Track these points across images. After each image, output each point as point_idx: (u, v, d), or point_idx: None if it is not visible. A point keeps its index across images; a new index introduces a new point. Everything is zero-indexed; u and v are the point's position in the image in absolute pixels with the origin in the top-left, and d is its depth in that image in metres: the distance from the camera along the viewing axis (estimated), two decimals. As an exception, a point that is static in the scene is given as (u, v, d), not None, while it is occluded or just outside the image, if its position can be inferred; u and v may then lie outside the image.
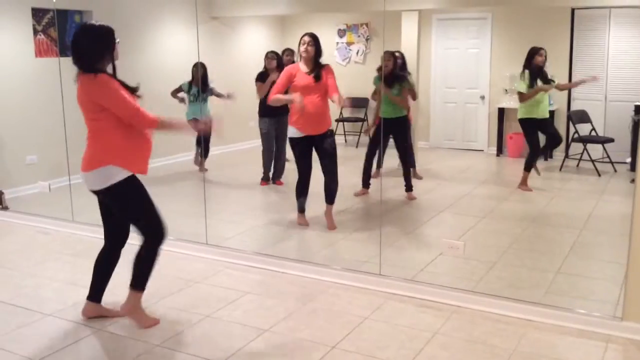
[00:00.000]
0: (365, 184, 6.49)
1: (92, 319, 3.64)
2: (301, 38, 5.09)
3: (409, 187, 6.38)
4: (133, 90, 3.41)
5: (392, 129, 6.32)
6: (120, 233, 3.60)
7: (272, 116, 6.62)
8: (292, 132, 5.19)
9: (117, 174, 3.32)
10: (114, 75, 3.37)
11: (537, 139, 6.67)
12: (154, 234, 3.44)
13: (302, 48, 5.07)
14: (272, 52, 6.76)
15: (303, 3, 8.09)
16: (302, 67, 5.11)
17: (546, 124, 6.71)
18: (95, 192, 3.43)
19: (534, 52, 6.48)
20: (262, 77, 6.68)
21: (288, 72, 5.16)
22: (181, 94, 7.34)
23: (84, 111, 3.35)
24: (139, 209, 3.44)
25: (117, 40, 3.38)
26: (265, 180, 7.01)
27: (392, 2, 6.70)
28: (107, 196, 3.41)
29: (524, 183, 6.68)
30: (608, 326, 3.48)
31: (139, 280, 3.49)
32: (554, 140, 6.83)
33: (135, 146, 3.39)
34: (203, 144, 7.43)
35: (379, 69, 6.45)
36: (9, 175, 6.44)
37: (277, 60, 6.61)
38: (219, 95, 7.34)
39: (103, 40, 3.32)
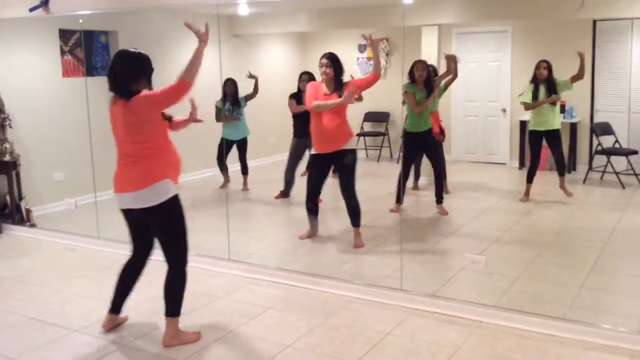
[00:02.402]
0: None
1: (111, 330, 3.74)
2: (320, 60, 5.12)
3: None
4: (166, 118, 3.54)
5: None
6: (148, 248, 3.69)
7: (305, 136, 6.66)
8: (313, 149, 5.27)
9: (171, 189, 3.42)
10: None
11: (538, 151, 6.70)
12: (183, 257, 3.52)
13: (321, 71, 5.11)
14: (306, 73, 6.79)
15: (323, 20, 8.16)
16: (324, 87, 5.16)
17: (553, 139, 6.67)
18: (141, 211, 3.41)
19: (536, 66, 6.56)
20: (295, 97, 6.74)
21: (315, 86, 5.24)
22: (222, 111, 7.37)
23: (124, 134, 3.38)
24: (181, 228, 3.49)
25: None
26: (282, 194, 7.02)
27: (411, 17, 6.72)
28: (154, 213, 3.41)
29: (526, 194, 6.75)
30: (633, 341, 3.44)
31: (174, 306, 3.54)
32: (558, 167, 6.76)
33: (175, 162, 3.50)
34: (240, 162, 7.48)
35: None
36: (37, 192, 6.57)
37: (310, 81, 6.65)
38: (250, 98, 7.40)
39: (138, 66, 3.38)
